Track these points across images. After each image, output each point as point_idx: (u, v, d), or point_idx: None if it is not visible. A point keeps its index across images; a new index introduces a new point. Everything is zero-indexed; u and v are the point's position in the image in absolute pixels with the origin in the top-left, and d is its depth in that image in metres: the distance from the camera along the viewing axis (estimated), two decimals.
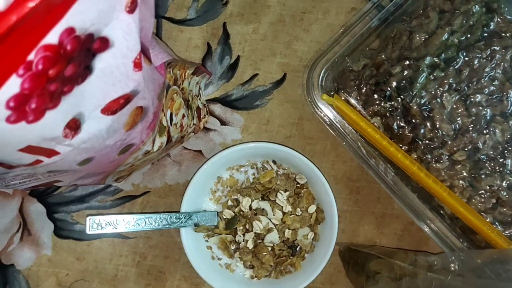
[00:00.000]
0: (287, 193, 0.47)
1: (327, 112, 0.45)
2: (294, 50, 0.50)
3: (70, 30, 0.23)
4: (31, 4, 0.19)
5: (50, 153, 0.28)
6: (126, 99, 0.29)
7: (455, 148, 0.42)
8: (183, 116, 0.43)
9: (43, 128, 0.25)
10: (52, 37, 0.22)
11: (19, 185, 0.36)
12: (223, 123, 0.50)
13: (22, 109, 0.23)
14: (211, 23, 0.50)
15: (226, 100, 0.50)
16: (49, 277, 0.49)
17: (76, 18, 0.22)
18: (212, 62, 0.50)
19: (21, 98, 0.22)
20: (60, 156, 0.29)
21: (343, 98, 0.44)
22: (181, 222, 0.45)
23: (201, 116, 0.48)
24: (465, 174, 0.42)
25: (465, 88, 0.42)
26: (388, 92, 0.43)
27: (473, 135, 0.41)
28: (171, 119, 0.40)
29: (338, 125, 0.44)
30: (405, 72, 0.42)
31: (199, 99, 0.48)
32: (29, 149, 0.27)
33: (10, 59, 0.21)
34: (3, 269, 0.49)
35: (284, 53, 0.50)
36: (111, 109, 0.29)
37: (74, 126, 0.28)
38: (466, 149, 0.42)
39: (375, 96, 0.43)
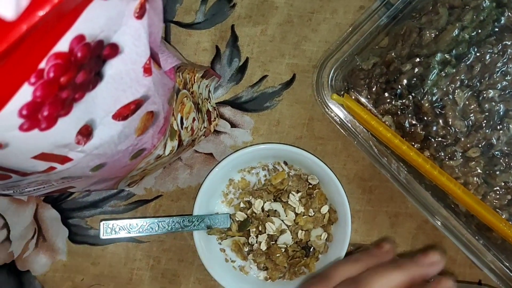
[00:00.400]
0: (299, 194, 0.47)
1: (338, 112, 0.44)
2: (302, 50, 0.49)
3: (80, 38, 0.23)
4: (41, 13, 0.19)
5: (63, 159, 0.28)
6: (136, 105, 0.29)
7: (468, 145, 0.41)
8: (194, 119, 0.43)
9: (55, 135, 0.26)
10: (63, 45, 0.22)
11: (33, 192, 0.36)
12: (233, 125, 0.50)
13: (34, 117, 0.23)
14: (219, 26, 0.50)
15: (236, 102, 0.50)
16: (65, 282, 0.50)
17: (86, 26, 0.23)
18: (221, 65, 0.50)
19: (34, 106, 0.23)
20: (73, 163, 0.29)
21: (353, 97, 0.44)
22: (194, 225, 0.45)
23: (211, 119, 0.48)
24: (479, 170, 0.42)
25: (477, 84, 0.41)
26: (398, 90, 0.42)
27: (487, 131, 0.41)
28: (182, 123, 0.41)
29: (349, 125, 0.44)
30: (416, 70, 0.42)
31: (209, 102, 0.48)
32: (43, 156, 0.27)
33: (21, 68, 0.21)
34: (19, 275, 0.50)
35: (293, 53, 0.50)
36: (122, 114, 0.29)
37: (86, 132, 0.28)
38: (480, 146, 0.41)
39: (386, 94, 0.43)
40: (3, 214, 0.50)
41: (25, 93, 0.22)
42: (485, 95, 0.41)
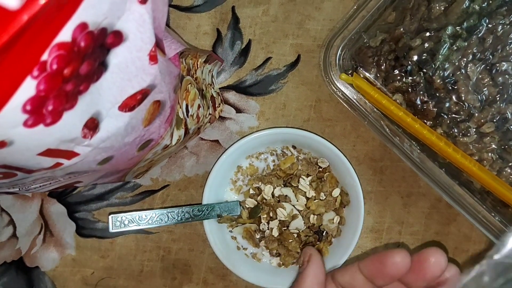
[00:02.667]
0: (310, 178, 0.46)
1: (346, 91, 0.43)
2: (307, 30, 0.48)
3: (83, 26, 0.21)
4: (42, 1, 0.18)
5: (70, 155, 0.27)
6: (143, 94, 0.28)
7: (482, 120, 0.40)
8: (199, 106, 0.42)
9: (61, 130, 0.24)
10: (65, 35, 0.21)
11: (39, 189, 0.35)
12: (238, 110, 0.48)
13: (39, 112, 0.22)
14: (219, 8, 0.48)
15: (240, 86, 0.48)
16: (75, 276, 0.49)
17: (88, 13, 0.21)
18: (223, 49, 0.48)
19: (38, 101, 0.21)
20: (80, 157, 0.28)
21: (362, 76, 0.43)
22: (204, 215, 0.44)
23: (216, 105, 0.46)
24: (494, 146, 0.41)
25: (490, 56, 0.40)
26: (409, 67, 0.41)
27: (501, 105, 0.40)
28: (187, 111, 0.39)
29: (359, 105, 0.43)
30: (426, 44, 0.40)
31: (213, 88, 0.47)
32: (49, 153, 0.26)
33: (23, 61, 0.20)
34: (28, 272, 0.49)
35: (297, 33, 0.48)
36: (128, 105, 0.28)
37: (92, 125, 0.27)
38: (494, 120, 0.40)
39: (396, 71, 0.42)
40: (8, 211, 0.49)
41: (28, 87, 0.21)
42: (498, 68, 0.40)
